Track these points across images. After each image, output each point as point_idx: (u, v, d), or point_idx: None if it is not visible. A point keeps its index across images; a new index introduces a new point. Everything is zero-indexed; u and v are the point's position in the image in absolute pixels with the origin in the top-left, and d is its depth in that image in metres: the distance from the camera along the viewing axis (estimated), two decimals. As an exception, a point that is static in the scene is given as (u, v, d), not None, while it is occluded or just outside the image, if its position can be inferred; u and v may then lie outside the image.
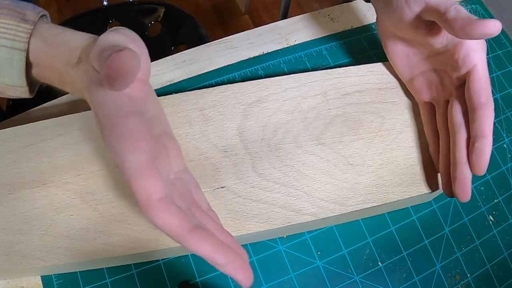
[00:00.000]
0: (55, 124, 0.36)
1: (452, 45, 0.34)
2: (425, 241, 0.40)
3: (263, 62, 0.47)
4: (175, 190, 0.29)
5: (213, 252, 0.25)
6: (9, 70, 0.31)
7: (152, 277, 0.36)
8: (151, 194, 0.25)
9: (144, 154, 0.25)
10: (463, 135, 0.34)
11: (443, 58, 0.36)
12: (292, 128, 0.38)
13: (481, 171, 0.32)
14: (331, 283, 0.38)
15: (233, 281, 0.36)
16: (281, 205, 0.35)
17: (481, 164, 0.32)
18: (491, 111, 0.32)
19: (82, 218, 0.33)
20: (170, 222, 0.25)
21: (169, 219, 0.25)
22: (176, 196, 0.28)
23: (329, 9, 0.52)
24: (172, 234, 0.25)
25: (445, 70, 0.36)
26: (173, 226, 0.25)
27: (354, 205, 0.35)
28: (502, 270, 0.40)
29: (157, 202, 0.25)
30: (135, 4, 0.87)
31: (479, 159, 0.32)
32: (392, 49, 0.40)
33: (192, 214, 0.28)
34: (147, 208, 0.25)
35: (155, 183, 0.25)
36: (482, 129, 0.32)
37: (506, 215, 0.42)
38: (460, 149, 0.33)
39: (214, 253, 0.25)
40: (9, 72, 0.31)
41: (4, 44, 0.30)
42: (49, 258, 0.32)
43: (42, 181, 0.34)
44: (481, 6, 0.54)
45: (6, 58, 0.30)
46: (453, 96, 0.36)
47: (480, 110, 0.32)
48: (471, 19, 0.29)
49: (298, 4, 1.50)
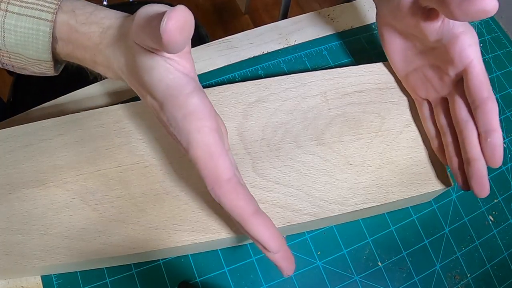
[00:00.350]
0: (55, 124, 0.36)
1: (447, 40, 0.34)
2: (425, 241, 0.40)
3: (263, 62, 0.47)
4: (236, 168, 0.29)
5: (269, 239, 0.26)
6: (35, 42, 0.30)
7: (152, 277, 0.36)
8: (220, 174, 0.25)
9: (212, 133, 0.26)
10: (472, 132, 0.34)
11: (438, 53, 0.36)
12: (292, 128, 0.38)
13: (498, 164, 0.32)
14: (331, 283, 0.38)
15: (233, 281, 0.37)
16: (281, 205, 0.35)
17: (497, 158, 0.32)
18: (495, 104, 0.33)
19: (82, 218, 0.33)
20: (237, 204, 0.25)
21: (236, 200, 0.25)
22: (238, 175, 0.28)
23: (329, 9, 0.52)
24: (237, 215, 0.26)
25: (441, 66, 0.36)
26: (239, 208, 0.25)
27: (354, 205, 0.35)
28: (502, 270, 0.40)
29: (226, 182, 0.25)
30: (135, 4, 0.87)
31: (494, 152, 0.32)
32: (389, 42, 0.39)
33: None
34: (215, 188, 0.25)
35: (223, 163, 0.25)
36: (491, 124, 0.32)
37: (506, 215, 0.42)
38: (473, 145, 0.33)
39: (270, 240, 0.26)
40: (34, 45, 0.30)
41: (31, 14, 0.29)
42: (49, 258, 0.32)
43: (42, 181, 0.34)
44: (481, 6, 0.54)
45: (32, 29, 0.29)
46: (453, 93, 0.35)
47: (484, 105, 0.32)
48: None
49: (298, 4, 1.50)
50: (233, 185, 0.25)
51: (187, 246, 0.33)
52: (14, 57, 0.31)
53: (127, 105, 0.37)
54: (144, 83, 0.27)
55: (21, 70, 0.33)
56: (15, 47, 0.30)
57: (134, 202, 0.34)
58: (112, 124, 0.36)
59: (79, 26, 0.30)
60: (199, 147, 0.25)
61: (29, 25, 0.29)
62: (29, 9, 0.29)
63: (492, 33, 0.53)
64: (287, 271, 0.27)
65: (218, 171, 0.25)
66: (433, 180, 0.37)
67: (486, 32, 0.53)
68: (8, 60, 0.31)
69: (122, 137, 0.36)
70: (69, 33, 0.30)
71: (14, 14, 0.29)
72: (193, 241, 0.33)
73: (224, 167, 0.25)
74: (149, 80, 0.27)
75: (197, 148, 0.25)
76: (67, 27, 0.30)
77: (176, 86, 0.26)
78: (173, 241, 0.33)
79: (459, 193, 0.43)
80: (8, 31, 0.29)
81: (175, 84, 0.26)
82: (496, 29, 0.53)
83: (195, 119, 0.25)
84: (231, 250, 0.38)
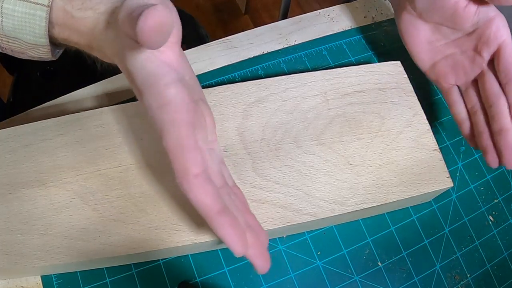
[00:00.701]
0: (55, 124, 0.36)
1: (482, 22, 0.36)
2: (425, 241, 0.40)
3: (263, 62, 0.47)
4: (209, 163, 0.29)
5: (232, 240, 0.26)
6: (31, 26, 0.30)
7: (152, 277, 0.36)
8: (188, 168, 0.25)
9: (185, 127, 0.25)
10: (504, 104, 0.35)
11: (472, 38, 0.37)
12: (292, 128, 0.38)
13: None
14: (331, 283, 0.38)
15: (233, 281, 0.37)
16: (281, 205, 0.35)
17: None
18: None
19: (82, 218, 0.33)
20: (202, 200, 0.25)
21: (202, 196, 0.25)
22: (211, 169, 0.28)
23: (329, 9, 0.52)
24: (202, 211, 0.26)
25: (473, 49, 0.38)
26: (204, 205, 0.25)
27: (354, 205, 0.35)
28: (502, 270, 0.40)
29: (193, 177, 0.25)
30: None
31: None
32: (414, 36, 0.40)
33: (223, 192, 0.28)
34: (183, 182, 0.25)
35: (193, 157, 0.25)
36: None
37: (506, 215, 0.42)
38: (504, 116, 0.35)
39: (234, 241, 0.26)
40: (31, 29, 0.30)
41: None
42: (49, 258, 0.32)
43: (42, 181, 0.34)
44: (481, 6, 0.54)
45: (28, 13, 0.29)
46: (484, 73, 0.37)
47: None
48: None
49: (298, 4, 1.50)
50: (200, 181, 0.25)
51: (187, 246, 0.33)
52: (13, 41, 0.31)
53: (127, 105, 0.37)
54: (127, 70, 0.27)
55: (19, 54, 0.33)
56: (13, 32, 0.30)
57: (134, 202, 0.34)
58: (112, 124, 0.36)
59: (75, 12, 0.29)
60: (171, 139, 0.25)
61: (25, 10, 0.29)
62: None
63: (492, 33, 0.53)
64: (259, 268, 0.27)
65: (187, 165, 0.25)
66: (433, 180, 0.37)
67: (486, 32, 0.53)
68: (7, 44, 0.31)
69: (122, 137, 0.36)
70: (65, 18, 0.30)
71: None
72: (193, 241, 0.33)
73: (193, 162, 0.25)
74: (131, 67, 0.27)
75: (169, 140, 0.25)
76: (63, 13, 0.30)
77: (155, 74, 0.26)
78: (173, 241, 0.33)
79: (459, 193, 0.43)
80: (6, 16, 0.29)
81: (155, 72, 0.26)
82: (496, 29, 0.53)
83: (170, 110, 0.25)
84: (231, 250, 0.38)
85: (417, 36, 0.40)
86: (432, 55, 0.40)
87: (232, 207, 0.28)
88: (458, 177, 0.43)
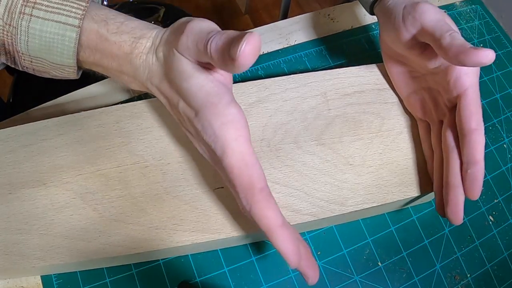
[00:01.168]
0: (55, 124, 0.36)
1: (444, 66, 0.34)
2: (425, 241, 0.40)
3: (263, 62, 0.47)
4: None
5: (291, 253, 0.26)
6: (60, 47, 0.30)
7: (152, 277, 0.36)
8: (254, 183, 0.26)
9: (247, 143, 0.26)
10: (456, 159, 0.33)
11: (436, 78, 0.36)
12: (292, 129, 0.38)
13: (475, 196, 0.32)
14: (331, 283, 0.38)
15: (233, 281, 0.37)
16: (281, 205, 0.35)
17: (474, 190, 0.32)
18: (482, 137, 0.32)
19: (82, 218, 0.33)
20: (267, 214, 0.26)
21: (267, 210, 0.26)
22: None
23: (329, 9, 0.52)
24: (265, 225, 0.26)
25: (438, 90, 0.36)
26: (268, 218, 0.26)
27: (354, 205, 0.35)
28: (502, 270, 0.40)
29: (258, 191, 0.26)
30: (135, 4, 0.87)
31: (472, 185, 0.32)
32: (391, 65, 0.39)
33: None
34: (248, 196, 0.26)
35: (257, 172, 0.26)
36: (474, 156, 0.32)
37: (506, 215, 0.42)
38: (454, 172, 0.33)
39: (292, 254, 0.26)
40: (59, 50, 0.30)
41: (57, 19, 0.29)
42: (49, 258, 0.32)
43: (42, 181, 0.34)
44: (481, 6, 0.54)
45: (57, 34, 0.29)
46: (446, 118, 0.36)
47: (470, 136, 0.32)
48: (465, 47, 0.29)
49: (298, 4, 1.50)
50: (265, 195, 0.26)
51: (187, 246, 0.33)
52: (36, 61, 0.31)
53: (127, 105, 0.37)
54: (182, 90, 0.28)
55: (41, 73, 0.33)
56: (38, 52, 0.30)
57: (134, 202, 0.34)
58: (112, 124, 0.36)
59: (110, 35, 0.30)
60: (234, 155, 0.26)
61: (55, 30, 0.29)
62: (55, 14, 0.29)
63: (492, 33, 0.53)
64: (311, 278, 0.28)
65: (252, 180, 0.26)
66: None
67: (486, 32, 0.53)
68: (30, 63, 0.31)
69: (122, 137, 0.36)
70: (98, 41, 0.30)
71: (39, 18, 0.29)
72: (193, 241, 0.33)
73: (257, 177, 0.26)
74: (188, 87, 0.27)
75: (232, 156, 0.26)
76: (96, 36, 0.30)
77: (216, 94, 0.27)
78: (173, 241, 0.33)
79: (459, 193, 0.43)
80: (33, 36, 0.29)
81: (215, 92, 0.27)
82: (496, 29, 0.53)
83: (233, 128, 0.26)
84: (231, 250, 0.38)
85: (395, 66, 0.39)
86: (406, 87, 0.39)
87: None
88: (458, 177, 0.43)
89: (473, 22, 0.53)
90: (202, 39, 0.26)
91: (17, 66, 0.32)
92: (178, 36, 0.27)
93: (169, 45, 0.28)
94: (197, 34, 0.26)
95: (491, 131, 0.46)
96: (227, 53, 0.24)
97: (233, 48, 0.23)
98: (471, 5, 0.54)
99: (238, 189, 0.26)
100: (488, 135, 0.46)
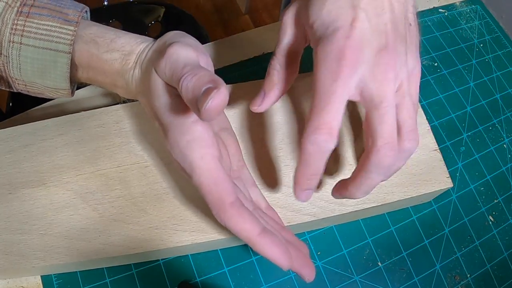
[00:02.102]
0: (55, 124, 0.36)
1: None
2: (425, 241, 0.40)
3: (263, 62, 0.47)
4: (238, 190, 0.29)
5: (279, 257, 0.26)
6: (52, 73, 0.30)
7: (152, 277, 0.36)
8: (223, 198, 0.26)
9: (214, 160, 0.26)
10: None
11: None
12: (292, 129, 0.38)
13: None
14: (331, 283, 0.38)
15: (233, 281, 0.37)
16: (281, 205, 0.35)
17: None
18: None
19: (82, 218, 0.33)
20: (242, 226, 0.26)
21: (241, 223, 0.26)
22: (241, 196, 0.29)
23: (329, 9, 0.51)
24: (244, 237, 0.26)
25: None
26: (245, 230, 0.26)
27: (354, 205, 0.35)
28: (502, 270, 0.40)
29: (229, 206, 0.26)
30: (135, 4, 0.87)
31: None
32: None
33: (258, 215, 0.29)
34: (220, 213, 0.26)
35: (226, 188, 0.26)
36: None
37: (506, 215, 0.42)
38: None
39: (280, 257, 0.26)
40: (52, 75, 0.30)
41: (47, 46, 0.29)
42: (49, 258, 0.32)
43: (42, 180, 0.34)
44: (481, 6, 0.54)
45: (50, 61, 0.29)
46: None
47: None
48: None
49: (298, 4, 1.50)
50: (236, 208, 0.26)
51: (187, 246, 0.33)
52: (31, 85, 0.31)
53: (127, 105, 0.37)
54: (154, 107, 0.28)
55: (36, 94, 0.33)
56: (31, 77, 0.30)
57: (134, 202, 0.34)
58: (112, 124, 0.36)
59: (101, 54, 0.30)
60: (202, 174, 0.26)
61: (46, 57, 0.29)
62: (44, 41, 0.29)
63: (492, 33, 0.53)
64: (307, 277, 0.28)
65: (222, 196, 0.26)
66: (433, 180, 0.37)
67: (486, 32, 0.53)
68: (24, 87, 0.32)
69: (122, 137, 0.36)
70: (90, 60, 0.30)
71: (29, 46, 0.29)
72: (193, 241, 0.33)
73: (227, 193, 0.26)
74: (158, 105, 0.28)
75: (200, 175, 0.26)
76: (87, 55, 0.30)
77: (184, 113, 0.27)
78: (173, 241, 0.33)
79: (459, 193, 0.43)
80: (25, 63, 0.29)
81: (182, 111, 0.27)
82: (496, 29, 0.53)
83: (198, 146, 0.26)
84: (231, 250, 0.38)
85: None
86: None
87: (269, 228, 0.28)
88: (458, 177, 0.43)
89: (473, 22, 0.53)
90: (177, 73, 0.26)
91: (12, 89, 0.32)
92: (159, 58, 0.27)
93: (150, 63, 0.28)
94: (173, 63, 0.26)
95: (491, 131, 0.46)
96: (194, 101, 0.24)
97: (199, 101, 0.23)
98: (471, 5, 0.54)
99: (210, 206, 0.26)
100: (488, 135, 0.46)
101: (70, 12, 0.30)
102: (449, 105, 0.47)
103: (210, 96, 0.23)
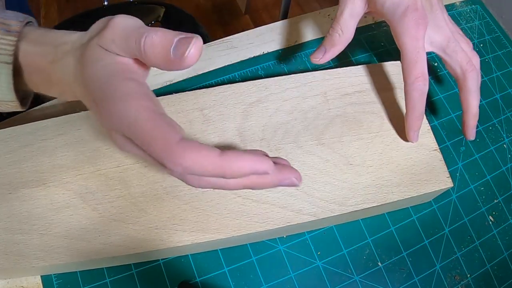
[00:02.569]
0: (55, 124, 0.36)
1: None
2: (425, 241, 0.40)
3: (263, 62, 0.47)
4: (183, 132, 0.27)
5: (254, 163, 0.24)
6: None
7: (152, 277, 0.36)
8: (168, 138, 0.23)
9: (152, 111, 0.24)
10: None
11: None
12: (292, 128, 0.38)
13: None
14: (330, 283, 0.38)
15: (233, 281, 0.37)
16: (281, 205, 0.35)
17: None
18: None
19: (82, 218, 0.33)
20: (198, 158, 0.23)
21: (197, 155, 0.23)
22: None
23: (329, 9, 0.52)
24: (208, 168, 0.23)
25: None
26: (204, 160, 0.23)
27: (354, 205, 0.35)
28: (502, 270, 0.40)
29: (176, 144, 0.23)
30: (135, 4, 0.88)
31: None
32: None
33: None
34: (167, 153, 0.23)
35: (169, 129, 0.24)
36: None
37: (506, 216, 0.42)
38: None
39: (256, 163, 0.24)
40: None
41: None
42: (49, 258, 0.32)
43: (42, 180, 0.34)
44: (481, 6, 0.54)
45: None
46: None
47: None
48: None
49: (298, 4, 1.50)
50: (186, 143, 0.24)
51: (187, 246, 0.33)
52: None
53: (127, 105, 0.37)
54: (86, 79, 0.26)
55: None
56: None
57: (134, 202, 0.34)
58: (112, 124, 0.36)
59: (35, 49, 0.29)
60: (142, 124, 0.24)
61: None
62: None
63: (492, 33, 0.53)
64: (296, 181, 0.26)
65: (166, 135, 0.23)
66: (433, 180, 0.37)
67: (486, 32, 0.53)
68: None
69: (122, 137, 0.36)
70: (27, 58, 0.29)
71: None
72: (193, 241, 0.33)
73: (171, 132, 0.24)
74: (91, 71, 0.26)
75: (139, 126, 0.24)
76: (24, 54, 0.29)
77: (112, 73, 0.26)
78: (173, 241, 0.33)
79: (459, 193, 0.43)
80: None
81: (112, 71, 0.26)
82: (496, 29, 0.53)
83: (134, 99, 0.25)
84: (231, 250, 0.38)
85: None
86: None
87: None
88: (458, 177, 0.43)
89: (473, 22, 0.53)
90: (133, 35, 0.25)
91: None
92: (102, 31, 0.26)
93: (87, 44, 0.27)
94: (124, 30, 0.26)
95: (491, 131, 0.46)
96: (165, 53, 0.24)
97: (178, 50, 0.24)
98: (471, 5, 0.54)
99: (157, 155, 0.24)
100: (488, 135, 0.46)
101: (12, 23, 0.29)
102: (449, 105, 0.47)
103: (192, 42, 0.24)
